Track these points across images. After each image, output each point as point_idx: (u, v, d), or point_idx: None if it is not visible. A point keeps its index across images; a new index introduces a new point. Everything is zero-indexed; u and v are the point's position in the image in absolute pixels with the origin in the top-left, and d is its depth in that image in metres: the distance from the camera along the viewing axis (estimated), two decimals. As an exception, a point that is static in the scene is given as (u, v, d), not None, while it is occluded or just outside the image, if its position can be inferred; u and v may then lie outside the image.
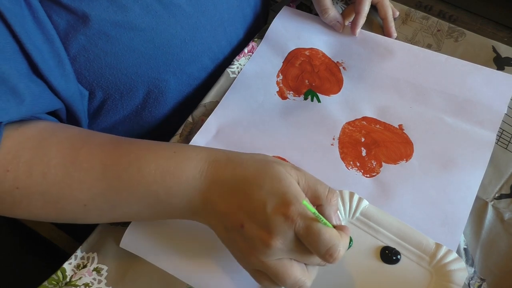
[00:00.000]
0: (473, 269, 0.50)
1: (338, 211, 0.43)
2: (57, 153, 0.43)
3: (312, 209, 0.39)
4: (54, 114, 0.52)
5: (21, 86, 0.43)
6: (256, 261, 0.41)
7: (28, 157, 0.42)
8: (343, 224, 0.45)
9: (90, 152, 0.44)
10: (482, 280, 0.49)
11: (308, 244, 0.39)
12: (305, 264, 0.42)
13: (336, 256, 0.38)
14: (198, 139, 0.57)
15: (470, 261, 0.50)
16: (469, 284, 0.49)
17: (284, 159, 0.56)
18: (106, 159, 0.43)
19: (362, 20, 0.65)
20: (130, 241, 0.51)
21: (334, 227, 0.41)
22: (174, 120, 0.63)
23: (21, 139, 0.43)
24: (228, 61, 0.65)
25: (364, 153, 0.57)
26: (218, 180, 0.42)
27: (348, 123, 0.59)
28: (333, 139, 0.58)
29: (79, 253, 0.51)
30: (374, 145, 0.57)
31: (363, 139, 0.58)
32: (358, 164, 0.56)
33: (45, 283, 0.49)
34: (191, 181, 0.43)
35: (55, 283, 0.49)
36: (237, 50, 0.67)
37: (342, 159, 0.56)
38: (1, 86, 0.42)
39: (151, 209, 0.44)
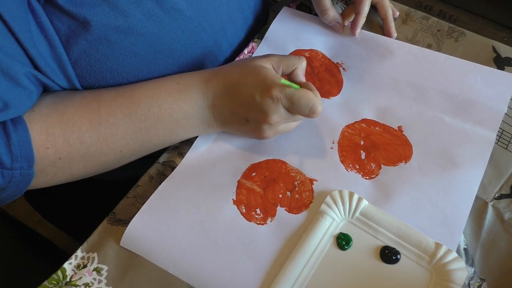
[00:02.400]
0: (473, 269, 0.50)
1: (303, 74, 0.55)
2: (82, 119, 0.49)
3: (287, 82, 0.51)
4: None
5: (31, 86, 0.47)
6: (268, 133, 0.54)
7: (59, 131, 0.48)
8: (344, 222, 0.47)
9: (109, 109, 0.50)
10: (482, 280, 0.49)
11: (295, 111, 0.51)
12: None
13: (317, 111, 0.51)
14: (200, 143, 0.58)
15: (470, 261, 0.50)
16: (469, 284, 0.49)
17: (284, 162, 0.56)
18: (126, 110, 0.50)
19: (362, 20, 0.65)
20: (130, 240, 0.51)
21: (302, 85, 0.53)
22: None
23: (44, 118, 0.48)
24: (228, 62, 0.65)
25: (363, 156, 0.57)
26: (216, 92, 0.53)
27: (348, 126, 0.59)
28: (333, 142, 0.58)
29: (79, 253, 0.51)
30: (373, 148, 0.57)
31: (362, 142, 0.58)
32: (357, 167, 0.56)
33: (45, 283, 0.49)
34: (200, 101, 0.53)
35: (55, 283, 0.49)
36: (237, 51, 0.67)
37: (342, 161, 0.56)
38: (15, 86, 0.45)
39: (175, 135, 0.54)
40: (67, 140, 0.48)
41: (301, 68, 0.54)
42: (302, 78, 0.55)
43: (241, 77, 0.52)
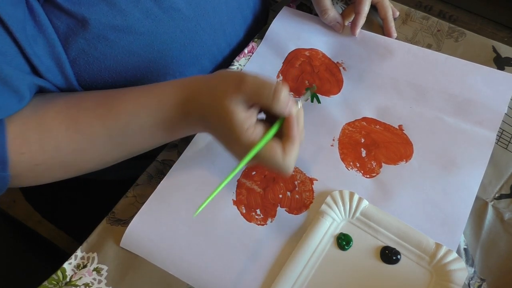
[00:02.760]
0: (473, 269, 0.50)
1: (291, 101, 0.45)
2: (60, 126, 0.47)
3: (252, 152, 0.44)
4: None
5: (22, 87, 0.46)
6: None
7: (35, 136, 0.47)
8: (344, 222, 0.45)
9: (88, 118, 0.48)
10: (482, 280, 0.49)
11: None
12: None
13: (285, 175, 0.46)
14: (199, 139, 0.58)
15: (470, 261, 0.50)
16: (469, 284, 0.49)
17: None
18: (105, 121, 0.48)
19: (362, 20, 0.65)
20: (130, 241, 0.51)
21: (286, 118, 0.45)
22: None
23: (23, 121, 0.47)
24: (227, 62, 0.65)
25: (364, 154, 0.57)
26: (195, 116, 0.48)
27: (348, 124, 0.59)
28: (333, 140, 0.58)
29: (79, 253, 0.51)
30: (374, 146, 0.57)
31: (363, 140, 0.58)
32: (358, 165, 0.56)
33: (45, 283, 0.49)
34: (180, 121, 0.48)
35: (55, 283, 0.49)
36: (236, 51, 0.67)
37: (342, 159, 0.56)
38: (4, 87, 0.44)
39: (156, 143, 0.52)
40: (42, 147, 0.47)
41: (277, 106, 0.44)
42: (284, 112, 0.45)
43: (211, 117, 0.46)
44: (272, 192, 0.54)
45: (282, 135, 0.46)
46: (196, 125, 0.49)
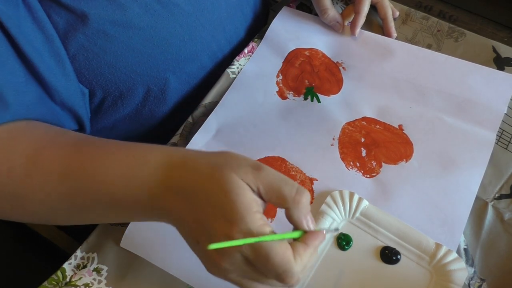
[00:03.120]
0: (473, 269, 0.50)
1: (310, 215, 0.39)
2: (22, 154, 0.42)
3: (255, 239, 0.34)
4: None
5: (8, 94, 0.42)
6: (217, 275, 0.38)
7: None
8: (344, 222, 0.44)
9: (51, 154, 0.42)
10: (482, 280, 0.49)
11: (259, 268, 0.36)
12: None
13: (290, 281, 0.35)
14: (198, 139, 0.58)
15: (470, 261, 0.50)
16: (469, 284, 0.49)
17: (284, 160, 0.56)
18: (66, 163, 0.42)
19: (361, 20, 0.65)
20: (130, 241, 0.51)
21: (306, 232, 0.38)
22: (175, 119, 0.63)
23: None
24: (227, 60, 0.65)
25: (364, 153, 0.57)
26: (172, 186, 0.39)
27: (348, 123, 0.59)
28: (333, 139, 0.58)
29: (79, 253, 0.51)
30: (374, 146, 0.57)
31: (363, 140, 0.58)
32: (358, 165, 0.56)
33: (45, 283, 0.49)
34: (147, 187, 0.40)
35: (55, 283, 0.49)
36: (237, 49, 0.67)
37: (342, 159, 0.56)
38: None
39: (115, 214, 0.43)
40: None
41: (296, 210, 0.37)
42: (299, 221, 0.38)
43: (207, 187, 0.37)
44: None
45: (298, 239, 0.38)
46: (166, 201, 0.39)
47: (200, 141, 0.58)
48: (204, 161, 0.39)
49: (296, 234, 0.38)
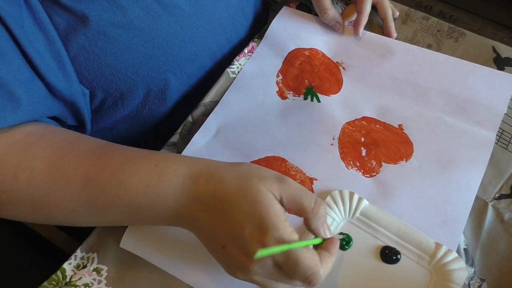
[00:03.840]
0: (473, 269, 0.50)
1: (326, 223, 0.43)
2: (43, 160, 0.43)
3: (285, 247, 0.37)
4: (56, 117, 0.52)
5: (19, 91, 0.43)
6: (241, 277, 0.41)
7: (15, 162, 0.42)
8: (344, 222, 0.45)
9: (74, 160, 0.43)
10: (482, 280, 0.49)
11: (288, 271, 0.39)
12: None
13: (316, 282, 0.39)
14: (198, 139, 0.58)
15: (470, 261, 0.50)
16: (469, 284, 0.49)
17: (284, 160, 0.56)
18: (89, 169, 0.43)
19: (364, 19, 0.65)
20: (130, 241, 0.51)
21: (323, 240, 0.42)
22: (175, 118, 0.63)
23: (9, 142, 0.43)
24: (227, 59, 0.65)
25: (364, 153, 0.57)
26: (199, 196, 0.41)
27: (348, 123, 0.59)
28: (333, 139, 0.58)
29: (78, 253, 0.51)
30: (374, 145, 0.57)
31: (363, 139, 0.58)
32: (358, 164, 0.56)
33: (45, 283, 0.49)
34: (172, 197, 0.42)
35: (55, 283, 0.49)
36: (236, 49, 0.67)
37: (342, 159, 0.56)
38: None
39: (137, 219, 0.45)
40: (15, 174, 0.42)
41: (315, 220, 0.41)
42: (317, 230, 0.42)
43: (238, 196, 0.40)
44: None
45: (319, 247, 0.42)
46: (189, 210, 0.41)
47: (200, 141, 0.58)
48: (230, 172, 0.41)
49: (318, 240, 0.42)
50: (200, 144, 0.57)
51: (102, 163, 0.43)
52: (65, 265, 0.50)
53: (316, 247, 0.43)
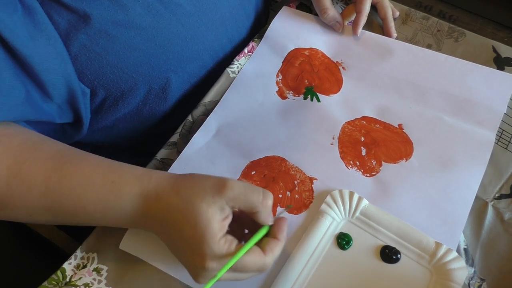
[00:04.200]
0: (473, 269, 0.50)
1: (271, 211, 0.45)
2: (1, 164, 0.43)
3: (231, 263, 0.40)
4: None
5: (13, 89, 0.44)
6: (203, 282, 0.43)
7: None
8: (344, 221, 0.44)
9: (32, 168, 0.44)
10: (482, 280, 0.49)
11: (240, 272, 0.43)
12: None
13: (266, 269, 0.43)
14: (198, 138, 0.58)
15: (470, 261, 0.50)
16: (469, 284, 0.49)
17: (283, 159, 0.56)
18: (47, 180, 0.44)
19: (363, 19, 0.65)
20: (130, 242, 0.51)
21: (271, 225, 0.45)
22: (175, 117, 0.63)
23: None
24: (228, 58, 0.65)
25: (364, 152, 0.57)
26: (153, 215, 0.44)
27: (348, 123, 0.59)
28: (333, 138, 0.58)
29: (79, 253, 0.51)
30: (374, 145, 0.57)
31: (362, 139, 0.58)
32: (358, 164, 0.56)
33: (45, 283, 0.49)
34: (129, 214, 0.44)
35: (55, 283, 0.49)
36: (238, 48, 0.67)
37: (342, 158, 0.56)
38: None
39: (93, 222, 0.47)
40: None
41: (264, 212, 0.44)
42: (266, 220, 0.44)
43: (180, 223, 0.42)
44: (271, 191, 0.54)
45: (267, 236, 0.45)
46: (147, 225, 0.45)
47: (200, 141, 0.58)
48: (174, 197, 0.43)
49: (264, 231, 0.44)
50: (200, 144, 0.57)
51: (60, 176, 0.44)
52: (65, 265, 0.50)
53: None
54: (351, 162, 0.56)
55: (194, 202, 0.42)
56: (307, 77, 0.63)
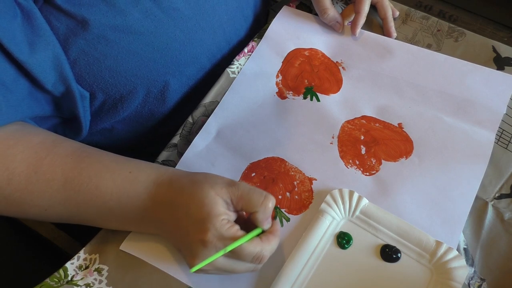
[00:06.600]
0: (473, 269, 0.50)
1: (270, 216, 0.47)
2: (22, 162, 0.45)
3: (227, 248, 0.42)
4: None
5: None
6: (199, 272, 0.45)
7: None
8: (344, 220, 0.45)
9: (53, 163, 0.46)
10: (482, 280, 0.49)
11: (236, 259, 0.44)
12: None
13: (262, 260, 0.45)
14: (198, 141, 0.58)
15: (470, 261, 0.50)
16: (469, 284, 0.49)
17: (283, 160, 0.56)
18: (67, 172, 0.46)
19: (362, 19, 0.65)
20: (131, 243, 0.51)
21: (264, 230, 0.46)
22: (174, 119, 0.63)
23: None
24: (225, 59, 0.65)
25: (363, 151, 0.57)
26: (162, 201, 0.46)
27: (348, 122, 0.59)
28: (333, 137, 0.58)
29: (82, 254, 0.51)
30: (374, 143, 0.57)
31: (362, 137, 0.58)
32: (357, 162, 0.56)
33: (47, 280, 0.49)
34: (142, 201, 0.47)
35: (57, 280, 0.49)
36: (236, 50, 0.67)
37: (342, 157, 0.56)
38: None
39: (106, 221, 0.49)
40: None
41: (262, 213, 0.45)
42: (262, 222, 0.46)
43: (188, 202, 0.45)
44: (271, 193, 0.54)
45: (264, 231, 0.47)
46: (155, 213, 0.47)
47: (201, 143, 0.58)
48: (187, 180, 0.46)
49: (258, 231, 0.46)
50: (201, 147, 0.57)
51: (80, 168, 0.47)
52: (68, 265, 0.50)
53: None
54: (350, 161, 0.56)
55: (203, 187, 0.45)
56: (307, 77, 0.63)
